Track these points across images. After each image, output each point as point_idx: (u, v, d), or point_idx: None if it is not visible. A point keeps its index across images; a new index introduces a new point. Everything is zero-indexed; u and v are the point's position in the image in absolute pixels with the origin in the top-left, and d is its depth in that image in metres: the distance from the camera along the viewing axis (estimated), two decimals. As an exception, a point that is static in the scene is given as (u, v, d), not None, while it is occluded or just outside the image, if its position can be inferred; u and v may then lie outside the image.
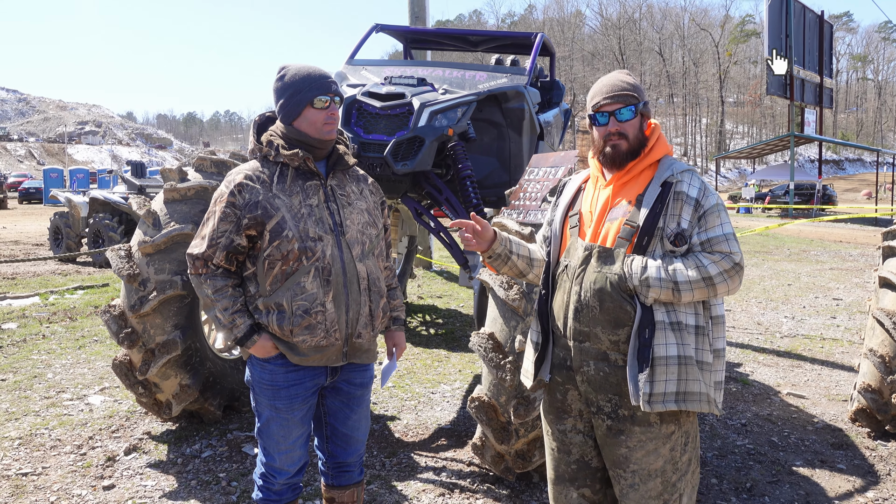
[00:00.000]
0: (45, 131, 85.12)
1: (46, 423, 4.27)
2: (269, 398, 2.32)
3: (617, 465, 2.04)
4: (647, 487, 2.00)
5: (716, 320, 2.00)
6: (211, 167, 4.13)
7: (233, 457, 3.78)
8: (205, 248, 2.24)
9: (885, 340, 4.07)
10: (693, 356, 1.93)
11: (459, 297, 8.76)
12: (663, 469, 2.00)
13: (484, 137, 4.82)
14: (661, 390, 1.90)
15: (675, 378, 1.91)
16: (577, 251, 2.05)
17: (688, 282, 1.89)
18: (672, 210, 1.95)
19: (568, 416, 2.13)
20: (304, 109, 2.26)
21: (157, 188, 12.90)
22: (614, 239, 1.99)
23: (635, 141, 2.03)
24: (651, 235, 1.94)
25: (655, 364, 1.90)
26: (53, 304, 8.10)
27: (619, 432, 2.00)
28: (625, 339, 1.96)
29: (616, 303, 1.95)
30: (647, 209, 1.95)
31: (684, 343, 1.92)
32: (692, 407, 1.93)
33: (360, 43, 5.56)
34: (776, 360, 6.05)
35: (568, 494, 2.18)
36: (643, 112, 2.06)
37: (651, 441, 1.98)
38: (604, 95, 2.05)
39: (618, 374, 1.97)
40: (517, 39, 6.55)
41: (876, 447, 4.07)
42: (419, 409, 4.63)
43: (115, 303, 3.86)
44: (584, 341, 2.01)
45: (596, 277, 1.98)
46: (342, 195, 2.34)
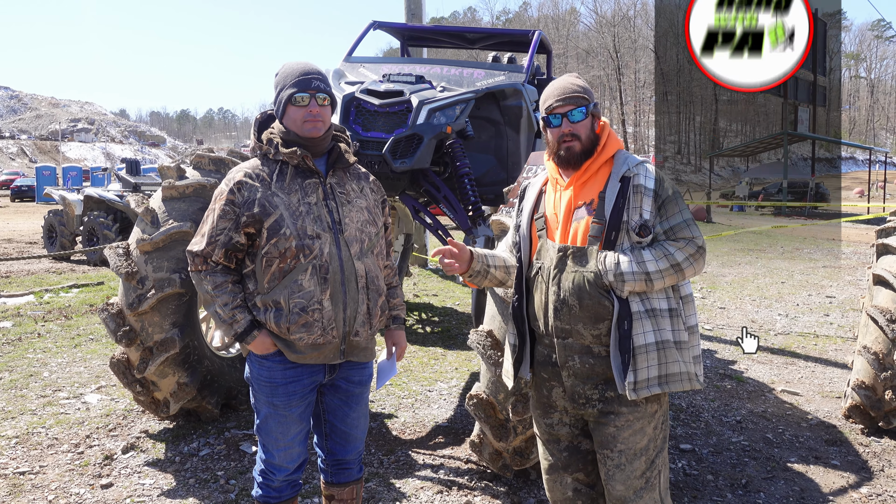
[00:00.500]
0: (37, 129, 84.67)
1: (43, 421, 4.27)
2: (268, 395, 2.33)
3: (604, 446, 2.13)
4: (632, 467, 2.10)
5: (686, 299, 2.12)
6: (209, 165, 4.13)
7: (231, 455, 3.78)
8: (204, 246, 2.25)
9: (878, 337, 4.10)
10: (670, 339, 2.04)
11: (455, 295, 8.78)
12: (647, 447, 2.12)
13: (482, 135, 4.83)
14: (644, 377, 2.01)
15: (655, 363, 2.02)
16: (550, 252, 2.13)
17: (658, 271, 2.00)
18: (633, 203, 2.04)
19: (554, 411, 2.24)
20: (287, 107, 2.28)
21: (152, 186, 12.86)
22: (583, 238, 2.08)
23: (587, 141, 2.12)
24: (618, 230, 2.03)
25: (636, 353, 2.00)
26: (48, 302, 8.08)
27: (609, 413, 2.11)
28: (606, 331, 2.06)
29: (595, 299, 2.04)
30: (610, 205, 2.04)
31: (660, 328, 2.03)
32: (675, 388, 2.06)
33: (357, 40, 5.55)
34: (770, 357, 6.08)
35: (562, 481, 2.28)
36: (593, 113, 2.15)
37: (638, 420, 2.09)
38: (555, 98, 2.13)
39: (603, 364, 2.08)
40: (514, 37, 6.54)
41: (869, 443, 4.11)
42: (416, 406, 4.65)
43: (113, 301, 3.85)
44: (566, 338, 2.10)
45: (574, 277, 2.07)
46: (342, 193, 2.35)
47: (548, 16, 78.59)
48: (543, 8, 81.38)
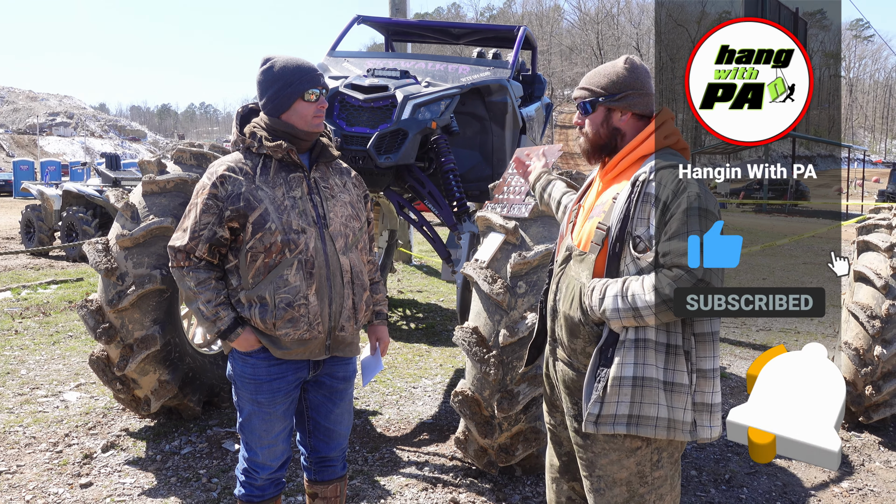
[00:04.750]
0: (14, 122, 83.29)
1: (21, 420, 4.19)
2: (251, 392, 2.30)
3: (584, 468, 1.98)
4: (612, 493, 1.92)
5: (700, 338, 1.82)
6: (190, 159, 4.07)
7: (213, 453, 3.74)
8: (187, 241, 2.21)
9: (859, 333, 4.15)
10: (656, 377, 1.77)
11: (440, 292, 8.76)
12: (629, 480, 1.90)
13: (467, 131, 4.81)
14: (611, 412, 1.79)
15: (627, 400, 1.78)
16: (562, 249, 2.04)
17: (648, 307, 1.73)
18: (640, 213, 1.81)
19: (557, 411, 2.15)
20: (295, 102, 2.25)
21: (132, 181, 12.68)
22: (587, 241, 1.92)
23: (595, 136, 1.98)
24: (622, 242, 1.82)
25: (609, 384, 1.78)
26: (26, 298, 7.94)
27: (585, 436, 1.93)
28: (580, 349, 1.91)
29: (572, 313, 1.91)
30: (617, 212, 1.84)
31: (645, 363, 1.77)
32: (644, 432, 1.81)
33: (341, 34, 5.50)
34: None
35: (559, 486, 2.20)
36: (611, 107, 1.96)
37: (614, 451, 1.89)
38: (579, 85, 2.03)
39: (580, 381, 1.92)
40: (499, 32, 6.53)
41: (850, 438, 4.15)
42: (401, 403, 4.63)
43: (93, 297, 3.79)
44: (555, 343, 2.03)
45: (569, 282, 1.95)
46: (325, 187, 2.33)
47: (531, 12, 78.67)
48: (527, 4, 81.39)
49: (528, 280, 3.12)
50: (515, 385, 3.07)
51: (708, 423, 1.83)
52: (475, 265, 3.26)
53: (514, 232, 3.23)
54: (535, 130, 5.91)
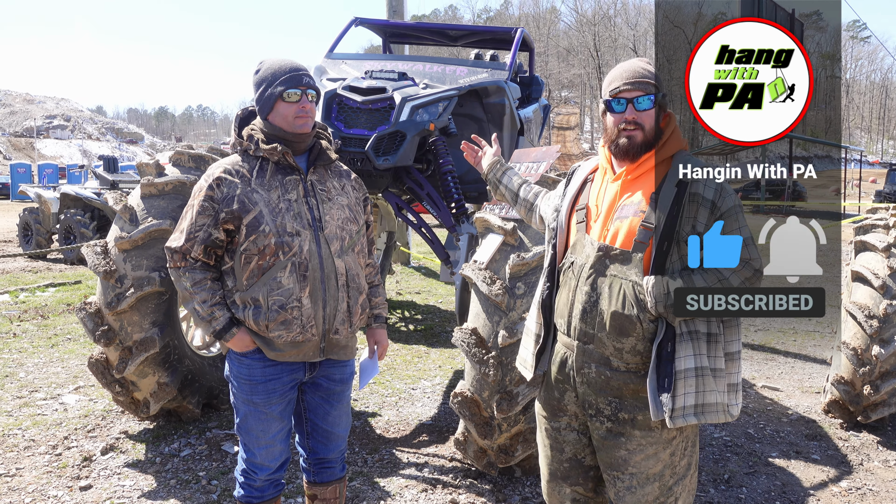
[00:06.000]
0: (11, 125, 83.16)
1: (20, 423, 4.18)
2: (247, 393, 2.32)
3: (614, 468, 1.98)
4: (644, 491, 1.95)
5: (728, 324, 1.91)
6: (189, 162, 4.07)
7: (212, 455, 3.74)
8: (183, 242, 2.23)
9: (857, 333, 4.16)
10: (707, 365, 1.85)
11: (438, 293, 8.76)
12: (661, 473, 1.95)
13: (465, 132, 4.81)
14: (681, 404, 1.84)
15: (693, 391, 1.83)
16: (587, 249, 1.97)
17: None
18: (688, 213, 1.85)
19: (563, 415, 2.09)
20: (276, 103, 2.26)
21: (130, 183, 12.68)
22: (627, 240, 1.90)
23: (651, 133, 1.94)
24: (670, 240, 1.85)
25: (676, 377, 1.83)
26: (24, 301, 7.93)
27: (619, 435, 1.95)
28: (629, 348, 1.90)
29: (626, 311, 1.88)
30: (663, 212, 1.85)
31: (699, 353, 1.85)
32: (710, 419, 1.87)
33: (339, 37, 5.51)
34: (751, 353, 6.15)
35: (561, 491, 2.17)
36: (661, 104, 1.96)
37: (651, 445, 1.93)
38: (624, 81, 1.94)
39: (619, 379, 1.93)
40: (497, 34, 6.54)
41: (849, 438, 4.16)
42: (400, 405, 4.63)
43: (91, 300, 3.78)
44: (588, 343, 1.96)
45: (611, 282, 1.91)
46: (322, 190, 2.33)
47: (528, 14, 78.77)
48: (524, 6, 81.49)
49: (527, 281, 3.12)
50: (514, 386, 3.07)
51: (735, 402, 1.91)
52: (474, 266, 3.26)
53: (512, 233, 3.24)
54: (533, 132, 5.92)
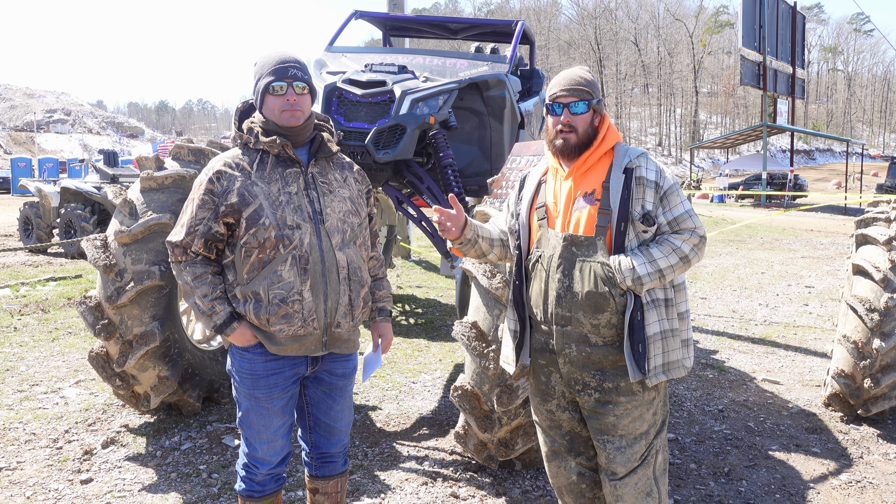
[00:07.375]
0: (11, 119, 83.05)
1: (20, 416, 4.19)
2: (249, 387, 2.31)
3: (604, 433, 2.20)
4: (633, 450, 2.19)
5: (678, 288, 2.20)
6: (188, 155, 4.06)
7: (213, 449, 3.74)
8: (184, 236, 2.23)
9: (858, 326, 4.15)
10: (668, 327, 2.13)
11: (438, 287, 8.76)
12: (647, 432, 2.20)
13: (465, 126, 4.80)
14: (653, 364, 2.10)
15: (660, 351, 2.11)
16: (552, 241, 2.17)
17: (669, 266, 2.09)
18: (636, 194, 2.11)
19: (552, 397, 2.29)
20: (265, 97, 2.26)
21: (130, 177, 12.68)
22: (588, 227, 2.12)
23: (584, 135, 2.17)
24: (626, 221, 2.09)
25: (649, 342, 2.08)
26: (25, 295, 7.94)
27: (607, 403, 2.17)
28: (605, 322, 2.11)
29: (598, 290, 2.09)
30: (616, 196, 2.10)
31: (661, 318, 2.12)
32: (674, 374, 2.15)
33: (339, 30, 5.49)
34: (751, 346, 6.15)
35: (567, 465, 2.35)
36: (595, 108, 2.20)
37: (637, 408, 2.17)
38: (561, 87, 2.19)
39: (599, 353, 2.14)
40: (497, 27, 6.51)
41: (849, 431, 4.16)
42: (400, 398, 4.63)
43: (92, 293, 3.78)
44: (565, 325, 2.15)
45: (581, 266, 2.11)
46: (323, 183, 2.32)
47: (529, 7, 78.51)
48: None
49: (528, 274, 3.12)
50: (514, 379, 3.07)
51: (688, 356, 2.20)
52: (474, 260, 3.26)
53: (512, 226, 3.23)
54: (534, 125, 5.91)
